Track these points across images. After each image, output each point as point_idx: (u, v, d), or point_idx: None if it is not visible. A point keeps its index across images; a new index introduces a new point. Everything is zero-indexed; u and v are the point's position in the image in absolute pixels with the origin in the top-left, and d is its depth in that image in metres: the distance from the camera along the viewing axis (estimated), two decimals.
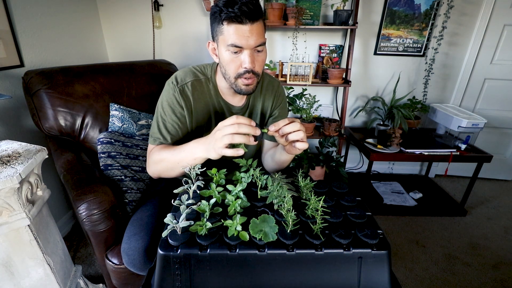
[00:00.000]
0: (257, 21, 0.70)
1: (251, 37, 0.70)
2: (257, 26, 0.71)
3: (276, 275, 0.51)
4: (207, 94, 0.87)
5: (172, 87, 0.83)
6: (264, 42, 0.74)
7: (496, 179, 2.40)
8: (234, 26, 0.69)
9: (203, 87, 0.86)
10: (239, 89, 0.80)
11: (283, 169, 0.94)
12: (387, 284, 0.52)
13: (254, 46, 0.72)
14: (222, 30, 0.71)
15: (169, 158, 0.77)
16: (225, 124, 0.63)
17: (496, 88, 2.09)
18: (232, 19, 0.68)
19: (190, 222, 0.54)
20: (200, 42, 2.04)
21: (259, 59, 0.76)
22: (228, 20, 0.69)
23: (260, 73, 0.79)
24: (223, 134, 0.62)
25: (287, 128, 0.67)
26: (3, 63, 1.22)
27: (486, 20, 1.91)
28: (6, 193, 0.75)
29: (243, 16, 0.67)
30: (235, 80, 0.78)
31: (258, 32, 0.71)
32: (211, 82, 0.87)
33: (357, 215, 0.60)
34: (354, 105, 2.25)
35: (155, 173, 0.83)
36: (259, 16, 0.71)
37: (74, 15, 1.68)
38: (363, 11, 1.95)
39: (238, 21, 0.68)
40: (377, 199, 2.00)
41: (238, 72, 0.76)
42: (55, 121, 1.13)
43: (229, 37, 0.70)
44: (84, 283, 1.14)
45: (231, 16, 0.67)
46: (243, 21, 0.68)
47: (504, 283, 1.39)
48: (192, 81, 0.85)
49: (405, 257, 1.54)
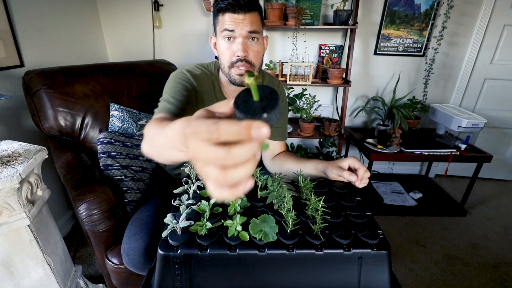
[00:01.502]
0: (251, 12, 0.73)
1: (243, 24, 0.72)
2: (251, 16, 0.73)
3: (276, 275, 0.51)
4: (212, 90, 0.87)
5: (183, 73, 0.83)
6: (258, 31, 0.75)
7: (496, 179, 2.40)
8: (228, 14, 0.73)
9: (209, 83, 0.87)
10: (233, 80, 0.80)
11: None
12: (387, 284, 0.52)
13: (246, 33, 0.73)
14: (219, 20, 0.75)
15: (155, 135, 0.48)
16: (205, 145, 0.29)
17: (496, 88, 2.09)
18: (227, 8, 0.72)
19: (190, 222, 0.54)
20: (200, 42, 2.04)
21: (254, 49, 0.77)
22: (224, 10, 0.73)
23: (255, 64, 0.79)
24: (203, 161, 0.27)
25: (366, 176, 0.71)
26: (3, 63, 1.22)
27: (486, 20, 1.91)
28: (6, 193, 0.75)
29: (236, 6, 0.71)
30: (229, 70, 0.79)
31: (252, 21, 0.73)
32: (215, 79, 0.88)
33: (357, 215, 0.60)
34: (354, 105, 2.25)
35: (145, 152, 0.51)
36: (253, 7, 0.73)
37: (74, 15, 1.68)
38: (363, 11, 1.95)
39: (231, 10, 0.72)
40: (377, 199, 2.00)
41: (231, 60, 0.77)
42: (55, 121, 1.13)
43: (224, 24, 0.74)
44: (84, 283, 1.14)
45: (226, 5, 0.71)
46: (236, 10, 0.72)
47: (504, 283, 1.39)
48: (201, 73, 0.86)
49: (405, 257, 1.54)
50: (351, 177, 0.71)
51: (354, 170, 0.74)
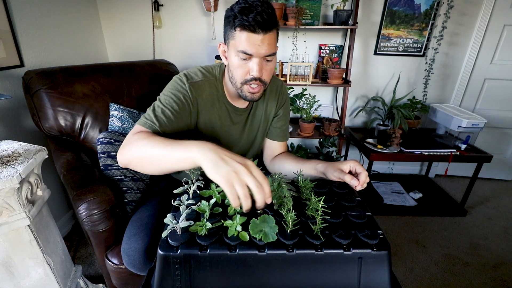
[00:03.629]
0: (270, 31, 0.70)
1: (262, 46, 0.70)
2: (270, 36, 0.70)
3: (276, 275, 0.51)
4: (215, 95, 0.86)
5: (182, 81, 0.81)
6: (275, 52, 0.74)
7: (496, 179, 2.40)
8: (246, 34, 0.69)
9: (212, 88, 0.85)
10: (244, 96, 0.79)
11: None
12: (387, 285, 0.52)
13: (264, 55, 0.72)
14: (234, 36, 0.71)
15: (156, 146, 0.61)
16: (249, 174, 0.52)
17: (496, 88, 2.09)
18: (245, 27, 0.68)
19: (190, 223, 0.54)
20: (200, 42, 2.04)
21: (268, 68, 0.76)
22: (241, 27, 0.68)
23: (267, 82, 0.79)
24: (241, 180, 0.51)
25: (366, 180, 0.72)
26: (3, 63, 1.22)
27: (486, 20, 1.91)
28: (6, 193, 0.75)
29: (256, 26, 0.67)
30: (241, 86, 0.77)
31: (270, 42, 0.71)
32: (219, 84, 0.87)
33: (357, 215, 0.60)
34: (354, 105, 2.25)
35: (127, 158, 0.66)
36: (273, 26, 0.70)
37: (74, 15, 1.68)
38: (363, 11, 1.95)
39: (251, 30, 0.68)
40: (377, 199, 2.00)
41: (245, 78, 0.75)
42: (55, 121, 1.13)
43: (240, 43, 0.70)
44: (84, 283, 1.14)
45: (245, 24, 0.67)
46: (256, 30, 0.68)
47: (504, 283, 1.39)
48: (202, 80, 0.83)
49: (405, 257, 1.54)
50: (352, 182, 0.71)
51: (355, 173, 0.75)
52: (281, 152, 1.02)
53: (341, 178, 0.73)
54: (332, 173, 0.75)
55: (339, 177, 0.73)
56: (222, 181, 0.50)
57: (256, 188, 0.51)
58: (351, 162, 0.74)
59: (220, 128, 0.89)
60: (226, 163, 0.52)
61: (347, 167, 0.75)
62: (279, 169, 0.95)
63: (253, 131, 0.97)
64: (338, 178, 0.74)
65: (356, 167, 0.74)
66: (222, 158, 0.53)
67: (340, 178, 0.73)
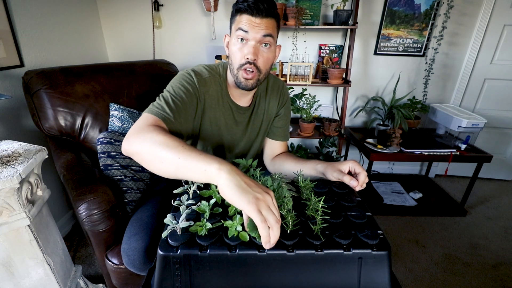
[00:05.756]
0: (269, 17, 0.73)
1: (258, 27, 0.72)
2: (268, 21, 0.73)
3: (276, 275, 0.51)
4: (219, 93, 0.86)
5: (191, 75, 0.80)
6: (272, 35, 0.75)
7: (496, 179, 2.40)
8: (246, 16, 0.73)
9: (217, 86, 0.86)
10: (239, 82, 0.80)
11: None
12: (387, 285, 0.52)
13: (260, 37, 0.73)
14: (235, 20, 0.75)
15: (173, 147, 0.55)
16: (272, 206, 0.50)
17: (496, 88, 2.09)
18: (245, 9, 0.72)
19: (190, 223, 0.54)
20: (200, 42, 2.04)
21: (264, 55, 0.77)
22: (242, 11, 0.73)
23: (263, 70, 0.79)
24: (267, 207, 0.49)
25: (365, 181, 0.73)
26: (3, 63, 1.22)
27: (486, 20, 1.91)
28: (6, 193, 0.75)
29: (255, 9, 0.71)
30: (237, 71, 0.78)
31: (267, 26, 0.73)
32: (223, 82, 0.87)
33: (357, 215, 0.60)
34: (354, 105, 2.25)
35: (135, 149, 0.59)
36: (272, 14, 0.73)
37: (74, 15, 1.68)
38: (363, 11, 1.95)
39: (250, 12, 0.72)
40: (377, 199, 2.00)
41: (241, 62, 0.76)
42: (55, 121, 1.13)
43: (239, 24, 0.74)
44: (84, 283, 1.14)
45: (245, 6, 0.71)
46: (254, 13, 0.72)
47: (504, 283, 1.39)
48: (209, 77, 0.84)
49: (405, 257, 1.54)
50: (352, 182, 0.71)
51: (355, 173, 0.75)
52: (281, 152, 1.02)
53: (340, 178, 0.73)
54: (331, 173, 0.76)
55: (338, 177, 0.74)
56: (248, 207, 0.47)
57: (276, 222, 0.47)
58: (350, 163, 0.75)
59: (224, 127, 0.89)
60: (251, 188, 0.50)
61: (346, 168, 0.75)
62: (279, 169, 0.96)
63: (255, 130, 0.97)
64: (337, 178, 0.74)
65: (355, 167, 0.74)
66: (246, 182, 0.50)
67: (339, 178, 0.74)
